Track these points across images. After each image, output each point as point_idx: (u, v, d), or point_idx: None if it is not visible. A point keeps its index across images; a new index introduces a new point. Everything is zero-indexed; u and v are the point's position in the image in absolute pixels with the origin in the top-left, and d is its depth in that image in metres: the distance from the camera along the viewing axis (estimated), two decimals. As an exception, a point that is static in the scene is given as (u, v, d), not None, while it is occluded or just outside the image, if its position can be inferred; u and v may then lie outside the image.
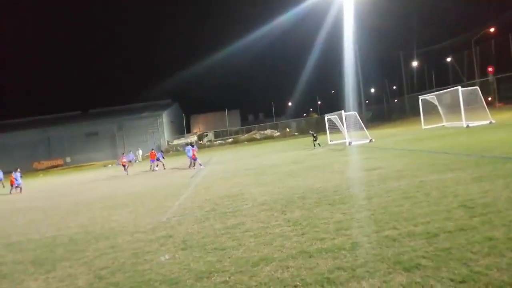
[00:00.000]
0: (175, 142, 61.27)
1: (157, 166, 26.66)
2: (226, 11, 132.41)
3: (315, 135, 27.39)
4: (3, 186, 29.78)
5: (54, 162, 59.06)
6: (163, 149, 25.05)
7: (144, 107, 69.62)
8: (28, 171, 55.07)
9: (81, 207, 12.99)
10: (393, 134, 28.82)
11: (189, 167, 23.60)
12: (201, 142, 59.42)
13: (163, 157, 28.49)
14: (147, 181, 19.59)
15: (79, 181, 26.47)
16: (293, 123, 67.82)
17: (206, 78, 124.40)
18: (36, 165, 58.82)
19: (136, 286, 4.91)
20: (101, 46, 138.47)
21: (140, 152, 49.17)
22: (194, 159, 22.97)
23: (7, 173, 30.54)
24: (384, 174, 10.86)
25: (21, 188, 23.06)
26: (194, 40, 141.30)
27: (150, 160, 27.00)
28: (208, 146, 56.34)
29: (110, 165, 44.69)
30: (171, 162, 32.07)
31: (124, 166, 27.22)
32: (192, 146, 23.73)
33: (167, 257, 6.10)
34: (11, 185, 23.04)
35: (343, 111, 26.17)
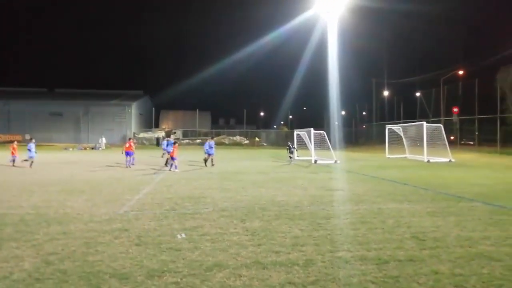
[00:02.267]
0: (142, 135, 60.15)
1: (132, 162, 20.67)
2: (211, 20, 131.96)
3: (293, 147, 24.93)
4: None
5: (12, 137, 56.21)
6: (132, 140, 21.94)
7: (114, 95, 67.65)
8: (-18, 142, 52.42)
9: (36, 187, 12.52)
10: (358, 159, 29.53)
11: (166, 164, 20.16)
12: (168, 139, 58.64)
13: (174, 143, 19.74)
14: (107, 171, 19.06)
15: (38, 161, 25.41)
16: (263, 133, 68.16)
17: (181, 75, 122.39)
18: (-9, 137, 56.09)
19: (84, 276, 4.79)
20: (75, 24, 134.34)
21: (104, 140, 47.88)
22: (172, 158, 18.63)
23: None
24: (345, 196, 11.15)
25: (32, 162, 19.76)
26: (176, 36, 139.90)
27: (126, 153, 20.48)
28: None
29: (70, 149, 43.23)
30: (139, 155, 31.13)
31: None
32: (174, 143, 19.71)
33: (183, 235, 6.11)
34: (12, 155, 20.55)
35: (312, 128, 26.63)
